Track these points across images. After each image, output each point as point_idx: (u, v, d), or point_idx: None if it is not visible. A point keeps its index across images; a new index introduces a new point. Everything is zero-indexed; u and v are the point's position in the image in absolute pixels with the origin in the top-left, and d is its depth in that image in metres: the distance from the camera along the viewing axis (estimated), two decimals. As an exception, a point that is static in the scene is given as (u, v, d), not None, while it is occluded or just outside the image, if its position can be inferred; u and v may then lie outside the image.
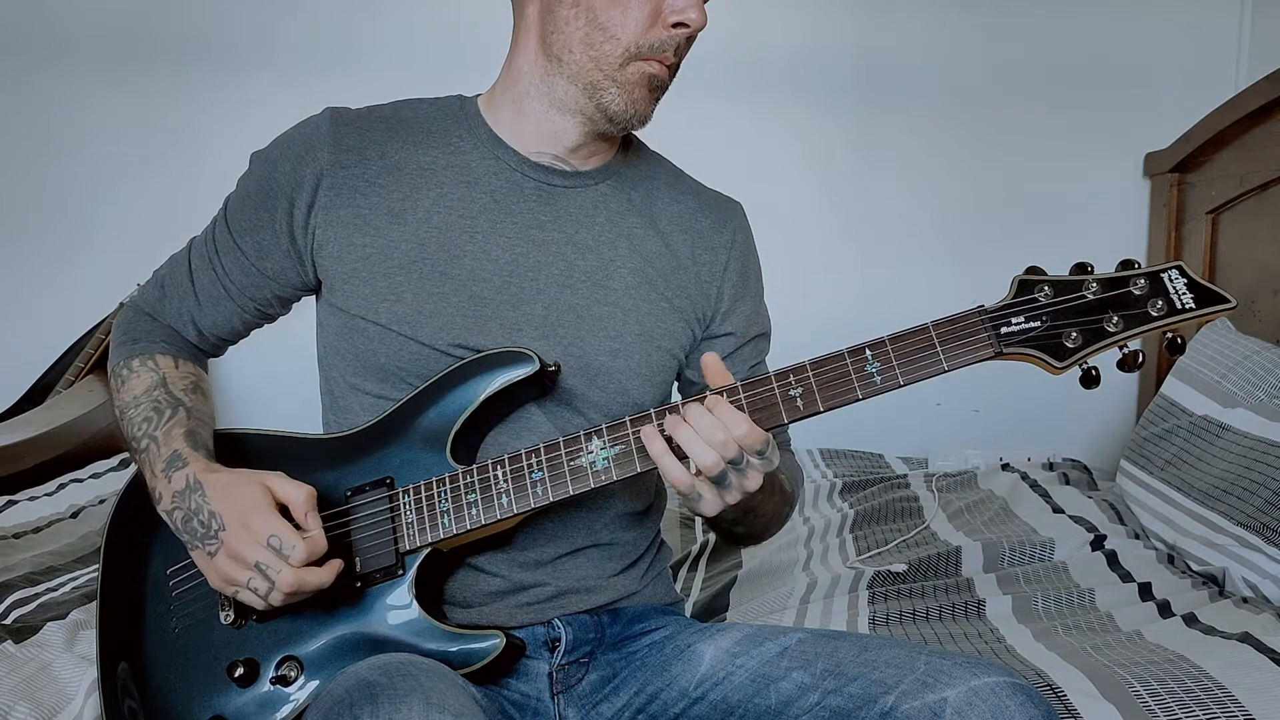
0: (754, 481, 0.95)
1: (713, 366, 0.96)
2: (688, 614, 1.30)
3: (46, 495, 2.16)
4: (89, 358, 2.56)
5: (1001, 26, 2.63)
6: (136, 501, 1.08)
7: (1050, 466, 2.21)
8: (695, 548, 1.87)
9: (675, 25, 1.01)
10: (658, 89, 1.05)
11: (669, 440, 0.93)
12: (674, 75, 1.06)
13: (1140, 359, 0.92)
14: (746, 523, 1.11)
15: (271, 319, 1.18)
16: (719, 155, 1.51)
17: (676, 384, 1.21)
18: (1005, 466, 2.26)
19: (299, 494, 0.97)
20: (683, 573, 1.78)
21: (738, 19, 2.58)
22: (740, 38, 2.61)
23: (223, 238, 1.12)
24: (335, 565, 0.97)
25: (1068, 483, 2.05)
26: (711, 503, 0.96)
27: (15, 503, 2.10)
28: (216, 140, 2.61)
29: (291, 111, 1.13)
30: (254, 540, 0.94)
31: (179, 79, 2.65)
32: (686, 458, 0.93)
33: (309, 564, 0.95)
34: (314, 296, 1.14)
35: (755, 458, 0.94)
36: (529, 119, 1.08)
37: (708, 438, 0.91)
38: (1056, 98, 2.62)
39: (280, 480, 0.99)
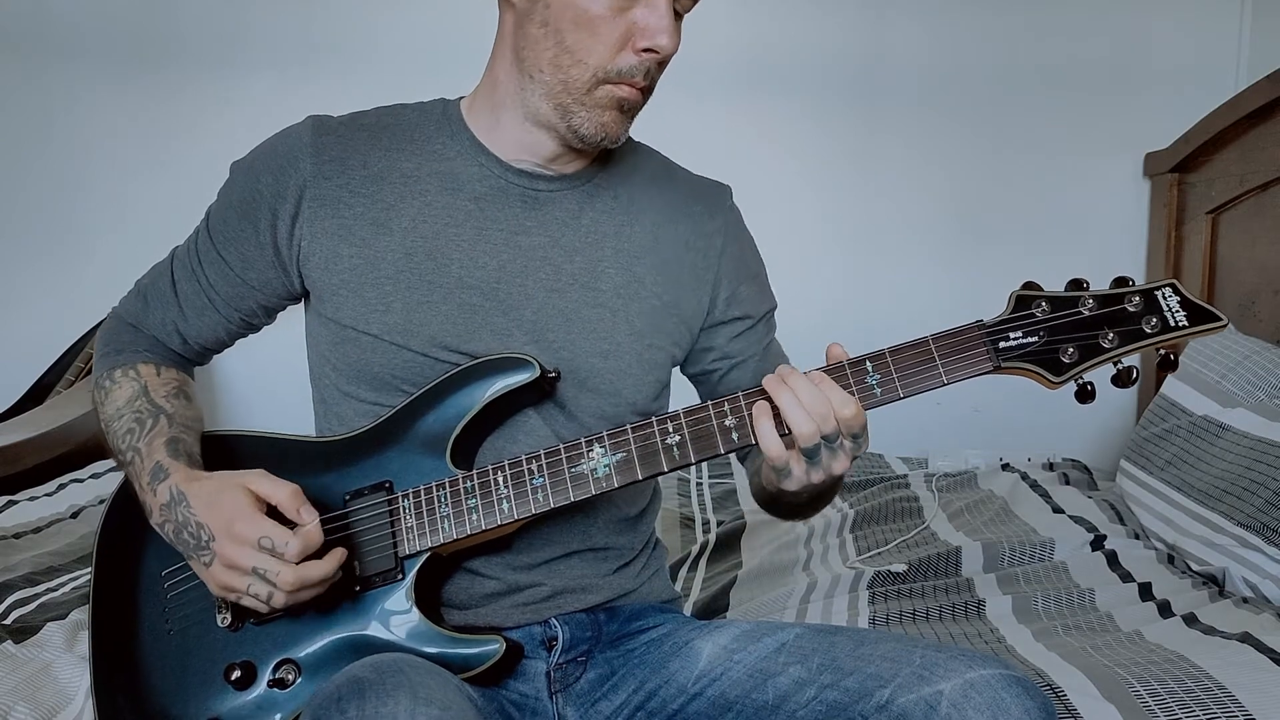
0: (841, 465, 0.96)
1: (832, 353, 0.97)
2: (688, 614, 1.30)
3: (46, 495, 2.15)
4: (89, 358, 2.56)
5: (1001, 27, 2.63)
6: (128, 504, 1.08)
7: (1050, 466, 2.21)
8: (695, 548, 1.87)
9: (645, 50, 0.99)
10: (630, 110, 1.03)
11: (775, 410, 0.94)
12: (649, 96, 1.05)
13: (1135, 375, 0.94)
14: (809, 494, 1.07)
15: (256, 329, 1.17)
16: (715, 159, 1.50)
17: (692, 380, 1.21)
18: (1005, 466, 2.26)
19: (283, 491, 0.96)
20: (683, 572, 1.77)
21: (735, 23, 2.60)
22: (737, 42, 2.61)
23: (206, 249, 1.11)
24: (338, 554, 0.96)
25: (1068, 483, 2.05)
26: (798, 479, 0.96)
27: (15, 503, 2.10)
28: (220, 142, 2.56)
29: (296, 114, 1.12)
30: (245, 546, 0.94)
31: (184, 81, 2.65)
32: (788, 433, 0.93)
33: (308, 558, 0.94)
34: (302, 305, 1.13)
35: (850, 440, 0.94)
36: (507, 128, 1.07)
37: (810, 407, 0.92)
38: (1056, 98, 2.62)
39: (260, 479, 0.97)
